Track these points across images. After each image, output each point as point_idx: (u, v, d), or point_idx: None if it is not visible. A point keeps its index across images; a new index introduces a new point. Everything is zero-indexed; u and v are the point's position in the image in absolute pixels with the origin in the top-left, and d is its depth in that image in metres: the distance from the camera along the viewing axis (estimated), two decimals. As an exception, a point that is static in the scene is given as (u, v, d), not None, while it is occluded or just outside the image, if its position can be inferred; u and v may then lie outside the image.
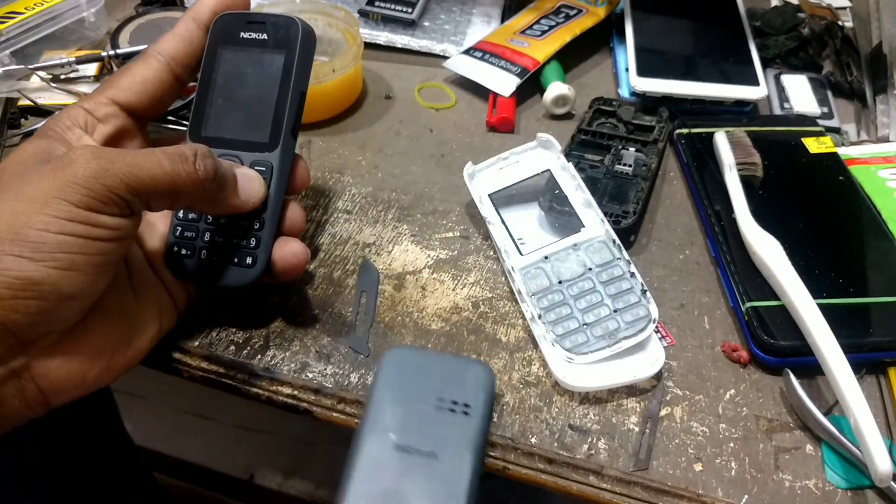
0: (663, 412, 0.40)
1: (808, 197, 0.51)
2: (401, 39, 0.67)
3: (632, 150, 0.54)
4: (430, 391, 0.36)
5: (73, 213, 0.30)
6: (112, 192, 0.31)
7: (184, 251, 0.40)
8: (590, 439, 0.39)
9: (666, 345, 0.43)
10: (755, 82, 0.59)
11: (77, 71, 0.61)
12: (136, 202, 0.33)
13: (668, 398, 0.41)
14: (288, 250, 0.40)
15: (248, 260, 0.40)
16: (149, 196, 0.33)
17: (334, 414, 0.40)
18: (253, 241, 0.40)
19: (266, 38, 0.40)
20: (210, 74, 0.41)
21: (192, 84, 0.42)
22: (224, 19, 0.41)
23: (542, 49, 0.63)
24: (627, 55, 0.61)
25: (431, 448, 0.34)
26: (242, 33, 0.40)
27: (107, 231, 0.32)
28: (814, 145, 0.55)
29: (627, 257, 0.44)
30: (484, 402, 0.36)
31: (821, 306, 0.41)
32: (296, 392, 0.41)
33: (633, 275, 0.43)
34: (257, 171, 0.39)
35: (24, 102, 0.59)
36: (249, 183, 0.38)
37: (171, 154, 0.33)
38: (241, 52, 0.41)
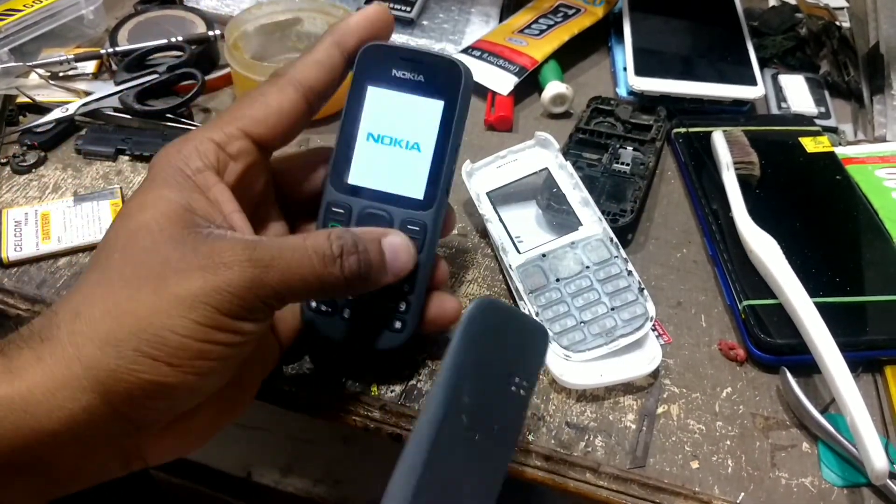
0: (660, 410, 0.40)
1: (805, 196, 0.51)
2: (399, 38, 0.67)
3: (629, 148, 0.54)
4: (503, 363, 0.32)
5: (218, 322, 0.28)
6: (262, 302, 0.30)
7: (324, 307, 0.37)
8: (587, 437, 0.39)
9: (663, 343, 0.43)
10: (753, 82, 0.59)
11: (76, 68, 0.61)
12: (281, 306, 0.31)
13: (664, 396, 0.41)
14: (441, 308, 0.38)
15: (397, 325, 0.37)
16: (294, 298, 0.32)
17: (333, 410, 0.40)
18: (403, 305, 0.37)
19: (423, 80, 0.36)
20: (356, 114, 0.37)
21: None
22: (373, 51, 0.36)
23: (540, 48, 0.63)
24: (625, 54, 0.61)
25: (491, 432, 0.30)
26: (395, 71, 0.36)
27: (247, 337, 0.30)
28: (811, 145, 0.55)
29: (625, 255, 0.44)
30: (537, 375, 0.33)
31: (817, 305, 0.41)
32: (294, 389, 0.41)
33: (630, 273, 0.43)
34: (410, 230, 0.36)
35: (22, 100, 0.59)
36: (396, 258, 0.34)
37: (321, 253, 0.31)
38: (392, 92, 0.36)
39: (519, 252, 0.45)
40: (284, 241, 0.31)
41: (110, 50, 0.61)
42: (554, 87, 0.59)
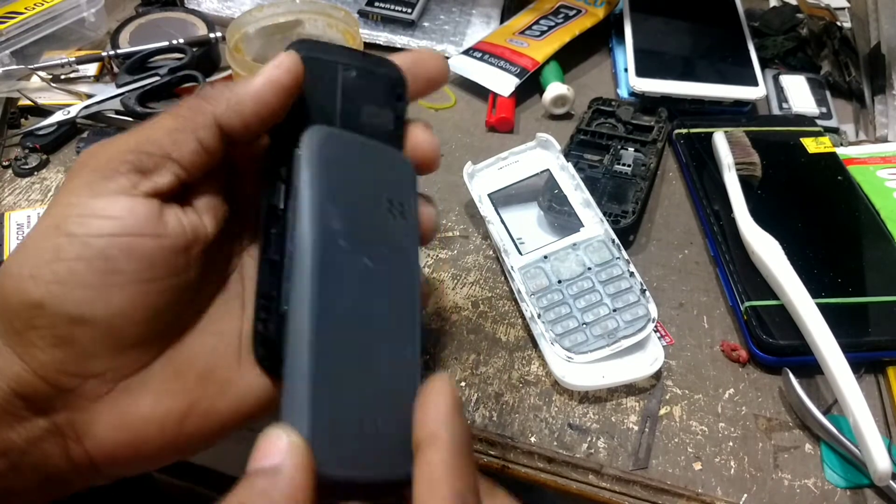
0: (662, 411, 0.40)
1: (806, 197, 0.51)
2: (400, 40, 0.67)
3: (631, 150, 0.54)
4: (369, 186, 0.29)
5: (75, 204, 0.26)
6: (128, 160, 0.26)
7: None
8: (589, 438, 0.39)
9: (665, 344, 0.43)
10: (754, 82, 0.59)
11: (77, 71, 0.62)
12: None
13: (667, 397, 0.41)
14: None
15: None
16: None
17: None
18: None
19: None
20: None
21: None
22: None
23: (541, 49, 0.63)
24: (626, 55, 0.61)
25: (384, 256, 0.28)
26: None
27: (107, 222, 0.26)
28: (812, 145, 0.55)
29: (626, 257, 0.44)
30: (415, 206, 0.30)
31: (819, 306, 0.41)
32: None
33: (632, 274, 0.43)
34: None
35: (24, 102, 0.59)
36: None
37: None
38: None
39: (521, 254, 0.45)
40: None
41: (112, 52, 0.61)
42: (555, 89, 0.59)
